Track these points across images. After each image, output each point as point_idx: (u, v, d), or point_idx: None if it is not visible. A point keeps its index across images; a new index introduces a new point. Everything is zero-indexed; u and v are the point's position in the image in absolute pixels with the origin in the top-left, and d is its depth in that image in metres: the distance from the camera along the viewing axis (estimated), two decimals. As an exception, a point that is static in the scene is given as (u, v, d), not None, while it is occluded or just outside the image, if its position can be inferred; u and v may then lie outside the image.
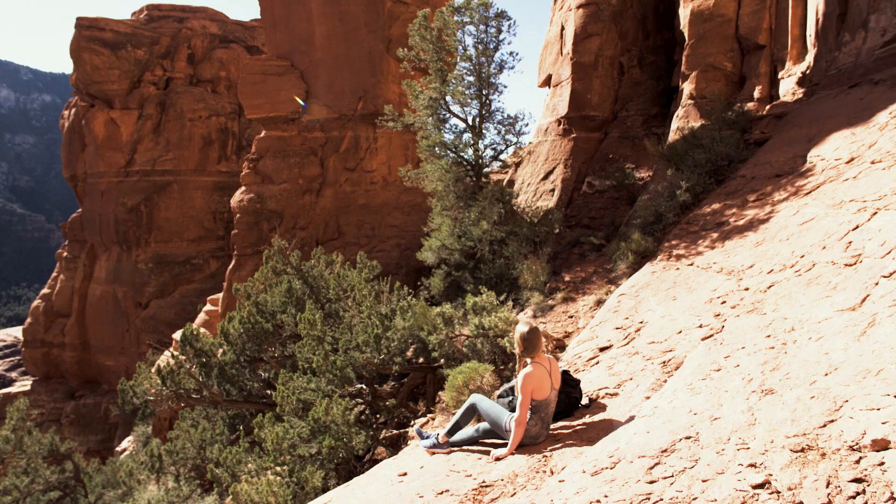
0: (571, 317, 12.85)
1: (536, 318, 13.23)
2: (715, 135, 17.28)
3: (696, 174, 15.84)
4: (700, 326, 7.71)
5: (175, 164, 50.52)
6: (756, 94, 19.77)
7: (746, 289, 8.21)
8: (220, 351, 14.49)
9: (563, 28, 26.67)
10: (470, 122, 18.82)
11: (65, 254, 55.67)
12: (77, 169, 53.84)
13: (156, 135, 50.86)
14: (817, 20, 17.58)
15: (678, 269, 11.06)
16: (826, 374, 4.57)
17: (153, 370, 14.16)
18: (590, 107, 24.68)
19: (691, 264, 10.96)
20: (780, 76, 19.64)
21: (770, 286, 7.74)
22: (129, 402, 13.89)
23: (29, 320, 55.27)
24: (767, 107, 18.81)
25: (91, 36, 50.54)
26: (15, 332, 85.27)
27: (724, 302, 8.19)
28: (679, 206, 15.14)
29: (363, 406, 11.88)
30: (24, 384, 57.36)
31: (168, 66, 53.42)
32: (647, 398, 6.30)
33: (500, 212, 17.35)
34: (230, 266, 29.51)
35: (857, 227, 7.86)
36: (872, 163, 10.02)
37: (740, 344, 6.20)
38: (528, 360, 6.19)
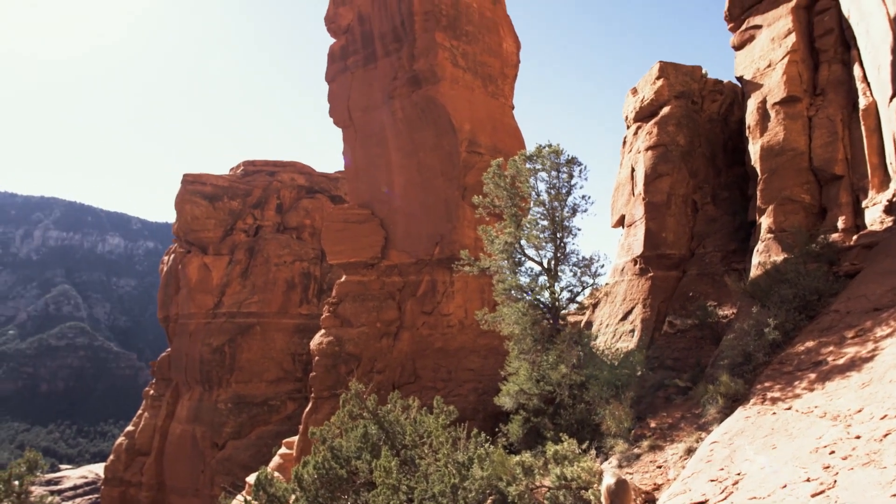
0: (660, 467, 12.02)
1: (622, 469, 12.43)
2: (800, 268, 16.74)
3: (783, 310, 15.19)
4: (808, 480, 7.03)
5: (259, 307, 52.82)
6: (840, 224, 19.22)
7: (858, 437, 7.52)
8: (293, 497, 14.21)
9: (633, 170, 27.32)
10: (545, 265, 19.05)
11: (151, 392, 57.69)
12: (170, 310, 57.12)
13: (243, 278, 53.80)
14: (896, 147, 17.33)
15: (775, 413, 10.33)
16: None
17: (226, 516, 13.96)
18: (665, 245, 24.56)
19: (789, 408, 10.23)
20: (863, 205, 19.11)
21: (886, 434, 7.07)
22: (200, 551, 13.58)
23: (111, 457, 56.48)
24: (854, 237, 18.18)
25: (194, 190, 55.69)
26: (97, 469, 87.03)
27: (832, 452, 7.50)
28: (769, 345, 14.42)
29: (439, 563, 11.17)
30: (99, 525, 57.48)
31: (258, 215, 57.60)
32: (756, 566, 5.67)
33: (579, 354, 16.98)
34: (307, 409, 29.62)
35: (980, 368, 7.22)
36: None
37: (859, 503, 5.58)
38: (618, 519, 5.76)
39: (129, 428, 57.81)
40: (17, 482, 33.94)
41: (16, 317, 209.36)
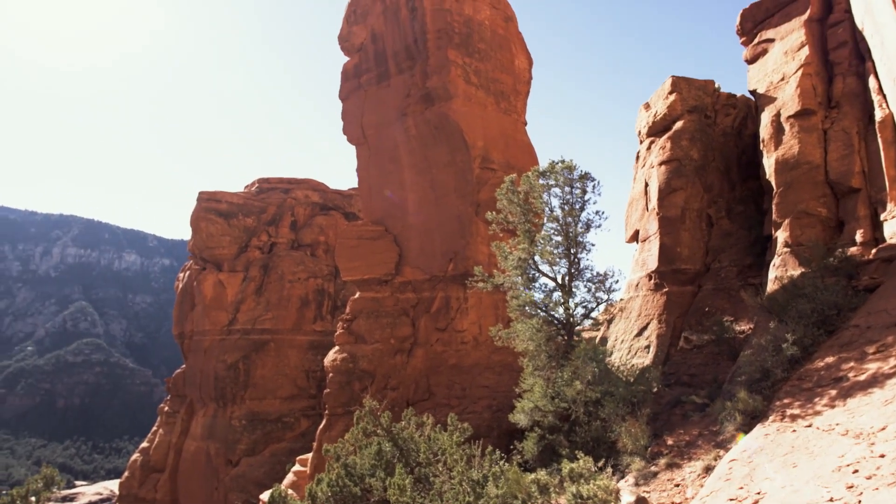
0: (678, 485, 11.85)
1: (639, 487, 12.26)
2: (818, 283, 16.58)
3: (802, 325, 15.03)
4: (831, 500, 6.91)
5: (273, 324, 52.91)
6: (858, 238, 19.00)
7: (882, 455, 7.38)
8: (308, 516, 14.13)
9: (646, 184, 27.24)
10: (559, 281, 19.00)
11: (166, 408, 57.84)
12: (185, 327, 57.39)
13: (258, 295, 53.99)
14: (914, 162, 17.17)
15: (795, 431, 10.17)
16: None
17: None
18: (680, 260, 24.40)
19: (809, 425, 10.07)
20: (882, 218, 18.90)
21: (910, 454, 6.92)
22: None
23: (126, 474, 56.56)
24: (873, 250, 17.97)
25: (209, 207, 56.14)
26: (112, 486, 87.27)
27: (856, 471, 7.36)
28: (787, 361, 14.24)
29: (454, 583, 11.05)
30: (113, 542, 57.51)
31: (273, 232, 57.93)
32: (779, 589, 5.55)
33: (594, 371, 16.83)
34: (321, 426, 29.52)
35: None
36: None
37: (884, 525, 5.46)
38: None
39: (144, 444, 57.95)
40: (33, 498, 34.06)
41: (34, 333, 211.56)
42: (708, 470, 11.56)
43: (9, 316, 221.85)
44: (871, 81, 19.65)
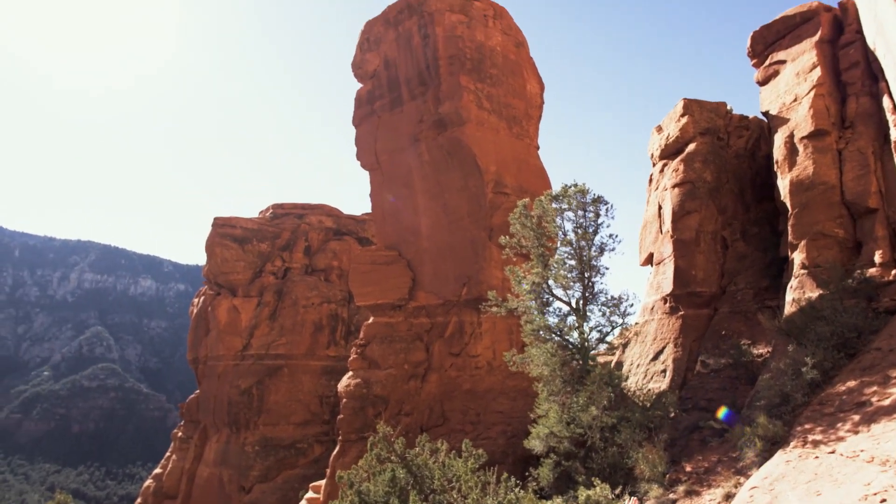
0: (698, 513, 11.61)
1: (658, 515, 12.04)
2: (837, 305, 16.38)
3: (821, 349, 14.81)
4: (857, 531, 6.71)
5: (287, 349, 52.93)
6: (877, 258, 18.75)
7: (908, 485, 7.18)
8: (322, 544, 13.97)
9: (660, 207, 27.16)
10: (574, 305, 18.92)
11: (179, 434, 57.76)
12: (200, 352, 57.56)
13: (271, 320, 54.12)
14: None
15: (817, 457, 9.97)
16: None
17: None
18: (695, 283, 24.21)
19: (833, 452, 9.87)
20: (901, 238, 18.68)
21: (938, 483, 6.73)
22: None
23: (139, 500, 56.35)
24: (893, 271, 17.72)
25: (224, 233, 56.66)
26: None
27: (883, 500, 7.19)
28: (807, 385, 14.02)
29: None
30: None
31: (287, 257, 58.25)
32: None
33: (610, 396, 16.65)
34: (334, 452, 29.33)
35: None
36: None
37: (913, 557, 5.30)
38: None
39: (157, 470, 57.83)
40: (47, 526, 33.97)
41: (51, 358, 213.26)
42: (728, 497, 11.35)
43: (26, 341, 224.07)
44: (886, 101, 19.57)
